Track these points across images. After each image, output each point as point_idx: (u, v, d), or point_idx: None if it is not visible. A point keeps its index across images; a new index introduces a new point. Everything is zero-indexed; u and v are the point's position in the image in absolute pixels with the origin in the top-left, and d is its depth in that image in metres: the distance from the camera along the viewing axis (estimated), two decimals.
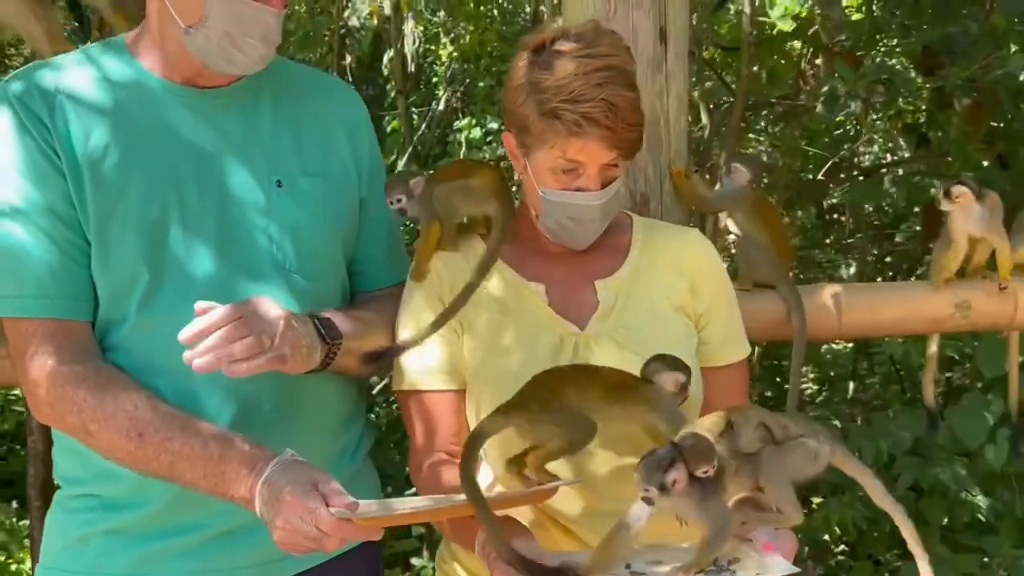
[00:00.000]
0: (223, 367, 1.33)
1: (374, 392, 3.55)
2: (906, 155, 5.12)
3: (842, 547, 3.72)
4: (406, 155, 8.34)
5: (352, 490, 1.33)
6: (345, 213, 1.65)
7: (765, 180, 4.18)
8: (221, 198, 1.53)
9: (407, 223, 2.12)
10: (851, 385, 5.11)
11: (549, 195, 1.54)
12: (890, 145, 5.87)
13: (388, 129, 9.52)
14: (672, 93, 1.97)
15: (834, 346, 5.31)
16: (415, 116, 7.29)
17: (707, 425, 1.43)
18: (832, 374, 5.60)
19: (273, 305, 1.42)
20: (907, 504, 3.30)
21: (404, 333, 1.59)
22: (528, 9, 6.40)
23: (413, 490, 1.63)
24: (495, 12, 7.19)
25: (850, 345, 5.09)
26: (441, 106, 7.35)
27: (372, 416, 1.67)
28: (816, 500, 3.73)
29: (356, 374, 1.62)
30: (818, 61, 4.42)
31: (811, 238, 5.11)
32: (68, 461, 1.57)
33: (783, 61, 4.05)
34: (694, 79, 4.63)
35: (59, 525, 1.59)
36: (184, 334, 1.33)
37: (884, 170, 5.13)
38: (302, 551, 1.34)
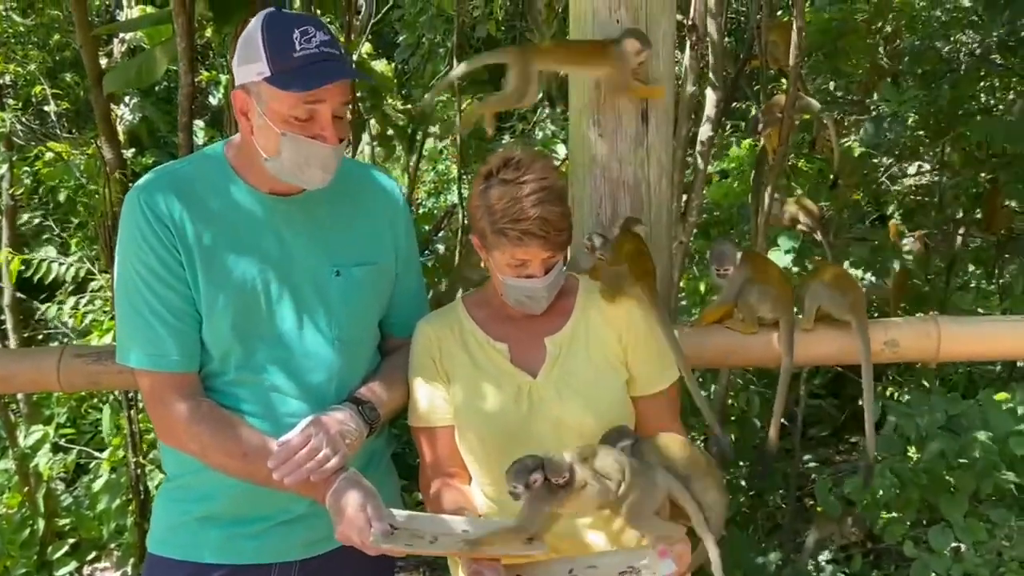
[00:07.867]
0: (311, 477, 1.78)
1: None
2: None
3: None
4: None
5: (379, 489, 1.82)
6: (386, 290, 2.10)
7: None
8: (295, 285, 1.94)
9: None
10: None
11: (508, 281, 1.98)
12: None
13: None
14: (652, 162, 2.32)
15: None
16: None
17: (576, 449, 1.86)
18: None
19: (331, 420, 1.87)
20: (937, 473, 3.56)
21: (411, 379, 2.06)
22: None
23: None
24: None
25: None
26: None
27: (394, 430, 2.24)
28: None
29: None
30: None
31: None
32: (170, 458, 2.02)
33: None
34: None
35: (164, 510, 2.05)
36: (271, 464, 1.79)
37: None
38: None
